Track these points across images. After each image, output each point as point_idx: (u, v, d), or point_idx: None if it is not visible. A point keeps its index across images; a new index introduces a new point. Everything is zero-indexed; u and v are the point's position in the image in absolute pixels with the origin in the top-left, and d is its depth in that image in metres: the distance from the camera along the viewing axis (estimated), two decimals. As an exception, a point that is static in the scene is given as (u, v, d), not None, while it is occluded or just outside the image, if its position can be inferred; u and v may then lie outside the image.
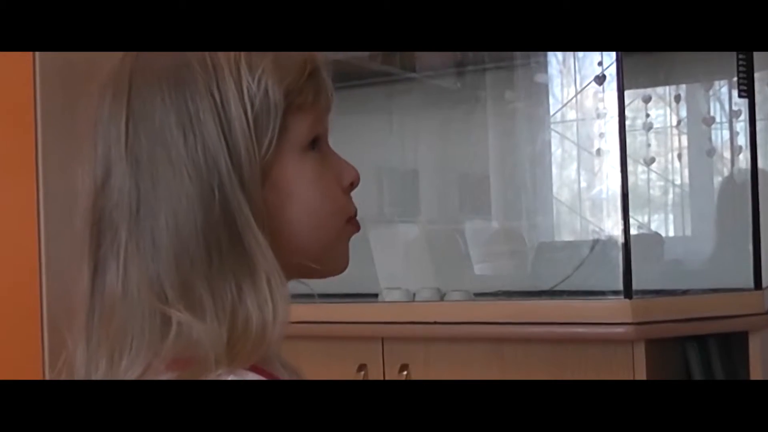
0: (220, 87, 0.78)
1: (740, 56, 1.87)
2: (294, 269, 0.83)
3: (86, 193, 0.81)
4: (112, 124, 0.79)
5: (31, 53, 2.00)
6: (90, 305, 0.79)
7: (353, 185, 0.87)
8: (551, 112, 2.38)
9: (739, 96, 1.88)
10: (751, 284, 1.85)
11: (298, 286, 0.86)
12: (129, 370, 0.76)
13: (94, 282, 0.79)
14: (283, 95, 0.79)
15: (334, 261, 0.86)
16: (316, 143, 0.84)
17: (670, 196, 2.35)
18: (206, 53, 0.79)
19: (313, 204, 0.82)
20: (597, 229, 2.24)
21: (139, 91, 0.79)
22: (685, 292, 1.91)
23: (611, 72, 1.98)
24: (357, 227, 0.87)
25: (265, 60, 0.79)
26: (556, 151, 2.40)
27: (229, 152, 0.77)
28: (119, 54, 0.83)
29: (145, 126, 0.78)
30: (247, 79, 0.78)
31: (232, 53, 0.79)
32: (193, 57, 0.79)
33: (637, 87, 2.21)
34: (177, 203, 0.76)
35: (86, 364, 0.79)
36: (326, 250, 0.84)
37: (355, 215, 0.87)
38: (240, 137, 0.77)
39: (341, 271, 0.87)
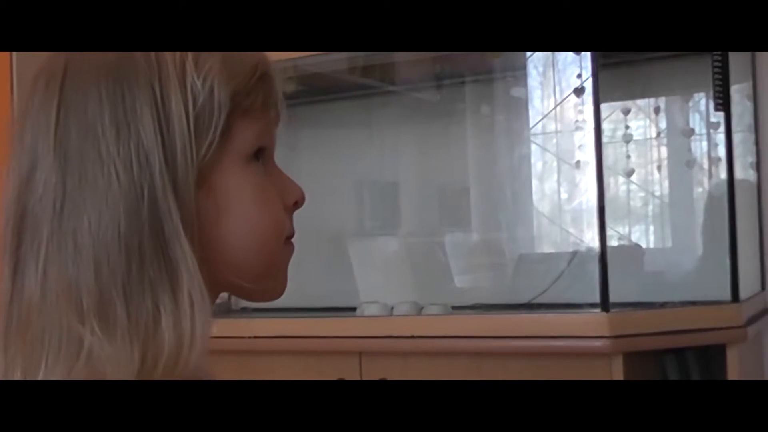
0: (162, 81, 0.71)
1: (716, 70, 1.88)
2: (227, 286, 0.78)
3: (10, 187, 0.74)
4: (42, 113, 0.73)
5: (8, 60, 2.00)
6: (8, 309, 0.72)
7: (297, 205, 0.81)
8: (531, 125, 2.39)
9: (716, 110, 1.88)
10: (729, 297, 1.85)
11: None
12: None
13: (14, 283, 0.72)
14: (229, 96, 0.73)
15: (271, 285, 0.80)
16: (261, 155, 0.78)
17: (650, 207, 2.36)
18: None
19: (252, 220, 0.76)
20: (576, 241, 2.24)
21: (74, 79, 0.73)
22: (663, 305, 1.91)
23: (590, 84, 1.98)
24: (292, 248, 0.81)
25: (212, 59, 0.73)
26: (536, 163, 2.39)
27: (164, 150, 0.70)
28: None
29: (77, 117, 0.71)
30: (192, 76, 0.72)
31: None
32: None
33: (617, 99, 2.22)
34: (102, 203, 0.69)
35: (3, 374, 0.71)
36: (263, 272, 0.78)
37: (292, 236, 0.81)
38: (178, 136, 0.71)
39: (277, 297, 0.80)
